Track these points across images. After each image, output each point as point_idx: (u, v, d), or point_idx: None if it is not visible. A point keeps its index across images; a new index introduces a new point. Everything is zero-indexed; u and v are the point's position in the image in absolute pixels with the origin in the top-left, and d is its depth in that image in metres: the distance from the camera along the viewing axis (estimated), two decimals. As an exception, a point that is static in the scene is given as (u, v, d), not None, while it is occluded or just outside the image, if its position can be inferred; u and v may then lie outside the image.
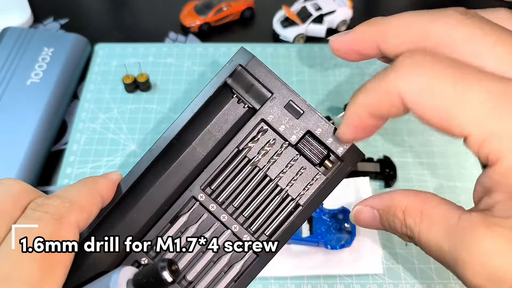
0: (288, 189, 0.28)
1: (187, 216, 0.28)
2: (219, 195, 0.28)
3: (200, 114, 0.28)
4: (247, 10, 0.71)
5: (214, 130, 0.29)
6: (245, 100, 0.28)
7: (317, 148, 0.27)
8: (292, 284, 0.46)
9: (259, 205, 0.28)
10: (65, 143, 0.57)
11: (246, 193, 0.28)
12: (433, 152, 0.56)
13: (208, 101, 0.28)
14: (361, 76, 0.63)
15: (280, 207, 0.28)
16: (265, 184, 0.28)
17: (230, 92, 0.28)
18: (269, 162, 0.28)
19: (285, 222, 0.27)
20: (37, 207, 0.24)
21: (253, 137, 0.28)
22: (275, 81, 0.27)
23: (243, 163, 0.28)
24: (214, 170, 0.28)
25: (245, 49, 0.27)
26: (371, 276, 0.47)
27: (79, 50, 0.63)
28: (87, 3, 0.76)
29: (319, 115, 0.27)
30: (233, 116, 0.29)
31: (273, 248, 0.27)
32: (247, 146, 0.28)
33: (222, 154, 0.28)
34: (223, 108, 0.29)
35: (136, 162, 0.28)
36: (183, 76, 0.63)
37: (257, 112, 0.27)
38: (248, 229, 0.28)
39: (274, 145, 0.28)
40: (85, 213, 0.25)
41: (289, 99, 0.27)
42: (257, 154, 0.28)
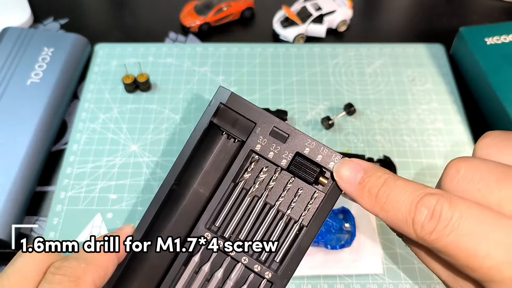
0: (289, 212, 0.28)
1: (198, 256, 0.29)
2: (225, 231, 0.29)
3: (195, 157, 0.29)
4: (247, 10, 0.71)
5: (212, 168, 0.29)
6: (233, 135, 0.29)
7: (309, 167, 0.27)
8: (292, 284, 0.46)
9: (264, 234, 0.28)
10: (65, 143, 0.57)
11: (250, 224, 0.28)
12: (433, 152, 0.56)
13: (199, 143, 0.28)
14: (361, 76, 0.63)
15: (285, 232, 0.28)
16: (267, 212, 0.29)
17: (219, 130, 0.29)
18: (266, 190, 0.28)
19: (292, 245, 0.28)
20: (55, 271, 0.26)
21: (246, 168, 0.28)
22: (256, 111, 0.28)
23: (241, 195, 0.29)
24: (215, 208, 0.28)
25: (223, 88, 0.28)
26: (371, 276, 0.47)
27: (79, 50, 0.63)
28: (87, 3, 0.76)
29: (304, 135, 0.27)
30: (226, 152, 0.29)
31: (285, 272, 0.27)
32: (243, 178, 0.28)
33: (219, 190, 0.28)
34: (216, 146, 0.30)
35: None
36: (183, 76, 0.63)
37: (244, 144, 0.28)
38: (258, 259, 0.28)
39: (267, 172, 0.28)
40: (101, 271, 0.27)
41: (273, 126, 0.28)
42: (253, 184, 0.28)
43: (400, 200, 0.22)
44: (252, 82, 0.62)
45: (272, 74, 0.63)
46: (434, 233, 0.21)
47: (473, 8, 0.74)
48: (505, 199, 0.21)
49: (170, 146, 0.56)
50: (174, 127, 0.57)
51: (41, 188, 0.53)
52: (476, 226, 0.20)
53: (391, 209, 0.23)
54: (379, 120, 0.59)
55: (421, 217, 0.21)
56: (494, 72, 0.58)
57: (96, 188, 0.52)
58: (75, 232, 0.49)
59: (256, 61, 0.65)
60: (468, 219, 0.20)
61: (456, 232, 0.20)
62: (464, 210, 0.20)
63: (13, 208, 0.49)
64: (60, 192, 0.52)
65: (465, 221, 0.20)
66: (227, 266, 0.28)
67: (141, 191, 0.52)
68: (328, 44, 0.67)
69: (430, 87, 0.62)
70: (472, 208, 0.21)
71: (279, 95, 0.61)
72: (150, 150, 0.55)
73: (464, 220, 0.20)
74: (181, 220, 0.29)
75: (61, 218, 0.50)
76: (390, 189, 0.23)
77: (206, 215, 0.28)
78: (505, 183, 0.21)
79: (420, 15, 0.73)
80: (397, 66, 0.65)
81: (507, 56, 0.60)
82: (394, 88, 0.62)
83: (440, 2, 0.75)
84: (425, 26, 0.71)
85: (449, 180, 0.22)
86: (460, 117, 0.59)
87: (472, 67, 0.62)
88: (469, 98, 0.62)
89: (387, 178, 0.23)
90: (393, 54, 0.66)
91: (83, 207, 0.51)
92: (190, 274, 0.28)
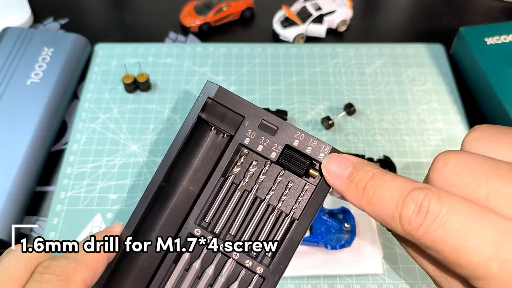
0: (280, 205, 0.28)
1: (188, 254, 0.28)
2: (215, 226, 0.28)
3: (184, 153, 0.29)
4: (247, 10, 0.71)
5: (202, 165, 0.29)
6: (222, 130, 0.28)
7: (298, 159, 0.27)
8: (292, 284, 0.46)
9: (255, 228, 0.28)
10: (65, 143, 0.57)
11: (240, 219, 0.28)
12: (433, 152, 0.56)
13: (188, 139, 0.28)
14: (361, 76, 0.63)
15: (276, 226, 0.28)
16: (257, 206, 0.28)
17: (208, 126, 0.29)
18: (256, 183, 0.28)
19: (284, 239, 0.27)
20: (44, 270, 0.25)
21: (235, 162, 0.28)
22: (244, 104, 0.28)
23: (231, 189, 0.28)
24: (204, 203, 0.28)
25: (210, 82, 0.28)
26: (371, 276, 0.47)
27: (79, 50, 0.63)
28: (87, 3, 0.76)
29: (293, 127, 0.27)
30: (215, 147, 0.29)
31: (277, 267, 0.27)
32: (232, 172, 0.28)
33: (209, 185, 0.28)
34: (205, 142, 0.29)
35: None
36: (183, 76, 0.63)
37: (233, 138, 0.28)
38: (250, 253, 0.28)
39: (257, 166, 0.28)
40: (91, 270, 0.26)
41: (261, 119, 0.27)
42: (243, 178, 0.28)
43: (388, 195, 0.22)
44: (252, 82, 0.62)
45: (272, 74, 0.63)
46: (421, 228, 0.21)
47: (473, 8, 0.74)
48: (493, 193, 0.20)
49: (170, 146, 0.56)
50: (174, 127, 0.57)
51: (41, 188, 0.53)
52: (464, 221, 0.20)
53: (378, 203, 0.22)
54: (379, 120, 0.59)
55: (408, 212, 0.21)
56: (494, 72, 0.58)
57: (96, 188, 0.52)
58: (75, 232, 0.49)
59: (256, 61, 0.65)
60: (456, 214, 0.20)
61: (444, 227, 0.20)
62: (452, 205, 0.20)
63: (13, 208, 0.49)
64: (60, 192, 0.52)
65: (453, 216, 0.20)
66: (218, 262, 0.28)
67: (141, 191, 0.52)
68: (328, 44, 0.67)
69: (430, 87, 0.62)
70: (460, 203, 0.20)
71: (279, 95, 0.61)
72: (150, 150, 0.55)
73: (452, 215, 0.20)
74: (171, 218, 0.29)
75: (61, 218, 0.50)
76: (378, 184, 0.23)
77: (195, 211, 0.28)
78: (494, 177, 0.20)
79: (420, 15, 0.73)
80: (397, 66, 0.65)
81: (507, 56, 0.60)
82: (394, 88, 0.62)
83: (440, 2, 0.75)
84: (425, 26, 0.71)
85: (437, 174, 0.22)
86: (460, 117, 0.59)
87: (472, 67, 0.62)
88: (469, 98, 0.62)
89: (376, 173, 0.23)
90: (393, 54, 0.66)
91: (83, 207, 0.51)
92: (181, 272, 0.28)
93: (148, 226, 0.29)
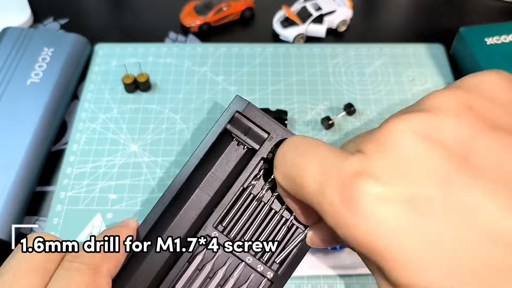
0: (291, 218, 0.30)
1: (202, 254, 0.30)
2: (231, 231, 0.30)
3: (204, 160, 0.31)
4: (247, 10, 0.71)
5: (218, 172, 0.31)
6: (244, 142, 0.30)
7: None
8: (292, 284, 0.46)
9: (268, 237, 0.30)
10: (65, 143, 0.57)
11: (255, 227, 0.30)
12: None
13: (211, 147, 0.30)
14: (361, 76, 0.63)
15: (287, 236, 0.30)
16: (271, 217, 0.30)
17: (230, 136, 0.31)
18: (272, 196, 0.30)
19: (293, 249, 0.30)
20: (73, 259, 0.26)
21: (256, 175, 0.30)
22: (271, 123, 0.30)
23: (249, 199, 0.30)
24: (223, 209, 0.30)
25: (240, 97, 0.30)
26: (371, 276, 0.47)
27: (79, 50, 0.63)
28: (87, 3, 0.76)
29: None
30: (234, 158, 0.31)
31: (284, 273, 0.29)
32: (251, 184, 0.30)
33: (229, 193, 0.30)
34: (224, 151, 0.31)
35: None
36: (183, 76, 0.63)
37: (257, 152, 0.30)
38: (260, 259, 0.30)
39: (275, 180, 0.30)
40: (115, 261, 0.27)
41: (285, 138, 0.29)
42: (260, 190, 0.30)
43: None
44: (252, 82, 0.62)
45: (272, 74, 0.63)
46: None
47: (473, 8, 0.74)
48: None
49: (170, 146, 0.56)
50: (174, 127, 0.57)
51: (41, 188, 0.53)
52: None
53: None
54: (379, 120, 0.59)
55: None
56: (494, 72, 0.58)
57: (96, 188, 0.52)
58: (75, 232, 0.49)
59: (256, 61, 0.65)
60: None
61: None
62: None
63: (13, 208, 0.49)
64: (60, 192, 0.52)
65: None
66: (231, 265, 0.30)
67: (141, 191, 0.52)
68: (328, 44, 0.67)
69: (430, 87, 0.62)
70: None
71: (279, 95, 0.61)
72: (150, 150, 0.55)
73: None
74: (184, 220, 0.31)
75: (61, 218, 0.50)
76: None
77: (214, 215, 0.30)
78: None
79: (420, 15, 0.73)
80: (397, 66, 0.65)
81: (507, 56, 0.60)
82: (394, 88, 0.62)
83: (440, 2, 0.75)
84: (425, 26, 0.71)
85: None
86: (460, 117, 0.59)
87: (472, 67, 0.62)
88: (469, 98, 0.62)
89: None
90: (393, 54, 0.66)
91: (83, 207, 0.51)
92: (194, 271, 0.29)
93: (163, 224, 0.31)
